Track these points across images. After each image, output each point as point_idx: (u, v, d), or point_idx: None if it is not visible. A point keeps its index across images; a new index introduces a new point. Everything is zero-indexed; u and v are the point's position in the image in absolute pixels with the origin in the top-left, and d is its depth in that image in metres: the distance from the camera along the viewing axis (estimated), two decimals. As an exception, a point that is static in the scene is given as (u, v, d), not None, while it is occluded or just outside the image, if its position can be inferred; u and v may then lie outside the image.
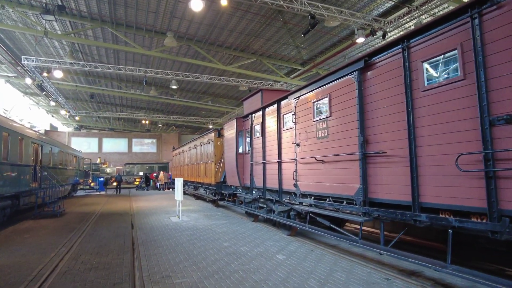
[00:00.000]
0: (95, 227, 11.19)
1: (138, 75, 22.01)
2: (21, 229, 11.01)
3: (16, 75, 23.80)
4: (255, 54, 20.10)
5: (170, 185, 32.64)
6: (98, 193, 29.17)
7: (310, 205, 7.37)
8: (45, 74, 16.13)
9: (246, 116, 11.42)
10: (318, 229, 7.09)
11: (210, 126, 35.59)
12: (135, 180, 40.15)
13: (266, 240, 8.50)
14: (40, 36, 15.61)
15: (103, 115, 32.96)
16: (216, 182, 14.58)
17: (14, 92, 30.91)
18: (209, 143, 16.04)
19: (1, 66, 23.42)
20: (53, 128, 42.55)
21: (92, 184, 30.94)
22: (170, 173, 34.72)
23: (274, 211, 9.24)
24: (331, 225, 6.77)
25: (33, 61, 15.57)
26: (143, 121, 34.97)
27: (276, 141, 8.78)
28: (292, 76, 22.25)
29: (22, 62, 15.67)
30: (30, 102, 34.07)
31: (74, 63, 16.18)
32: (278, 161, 8.66)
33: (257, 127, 10.42)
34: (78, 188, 28.72)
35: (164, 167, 40.74)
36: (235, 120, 11.70)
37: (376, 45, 17.99)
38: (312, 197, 7.18)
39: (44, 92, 19.53)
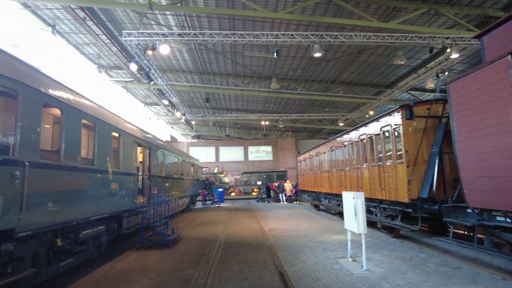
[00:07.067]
0: (221, 277, 6.27)
1: (261, 53, 17.64)
2: (114, 273, 6.85)
3: (132, 79, 22.27)
4: (426, 2, 13.24)
5: (295, 196, 27.65)
6: (218, 205, 26.07)
7: None
8: (149, 52, 12.66)
9: None
10: None
11: (341, 124, 29.20)
12: (253, 191, 36.66)
13: None
14: (144, 11, 12.28)
15: (219, 118, 30.18)
16: (410, 199, 8.24)
17: (134, 103, 30.96)
18: (384, 133, 9.87)
19: (119, 72, 22.25)
20: (173, 139, 42.95)
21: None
22: (294, 182, 29.64)
23: None
24: None
25: (135, 36, 12.18)
26: (262, 122, 31.02)
27: None
28: (484, 30, 14.37)
29: (123, 38, 12.46)
30: (150, 112, 34.02)
31: (183, 33, 12.16)
32: None
33: None
34: (197, 199, 26.14)
35: (282, 176, 36.10)
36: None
37: None
38: None
39: (152, 82, 16.62)
